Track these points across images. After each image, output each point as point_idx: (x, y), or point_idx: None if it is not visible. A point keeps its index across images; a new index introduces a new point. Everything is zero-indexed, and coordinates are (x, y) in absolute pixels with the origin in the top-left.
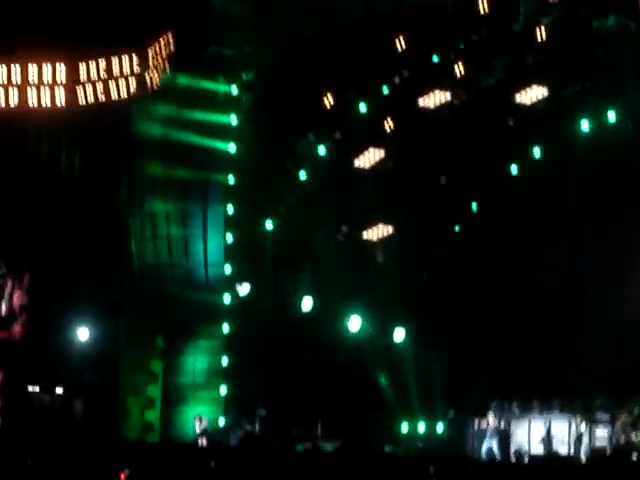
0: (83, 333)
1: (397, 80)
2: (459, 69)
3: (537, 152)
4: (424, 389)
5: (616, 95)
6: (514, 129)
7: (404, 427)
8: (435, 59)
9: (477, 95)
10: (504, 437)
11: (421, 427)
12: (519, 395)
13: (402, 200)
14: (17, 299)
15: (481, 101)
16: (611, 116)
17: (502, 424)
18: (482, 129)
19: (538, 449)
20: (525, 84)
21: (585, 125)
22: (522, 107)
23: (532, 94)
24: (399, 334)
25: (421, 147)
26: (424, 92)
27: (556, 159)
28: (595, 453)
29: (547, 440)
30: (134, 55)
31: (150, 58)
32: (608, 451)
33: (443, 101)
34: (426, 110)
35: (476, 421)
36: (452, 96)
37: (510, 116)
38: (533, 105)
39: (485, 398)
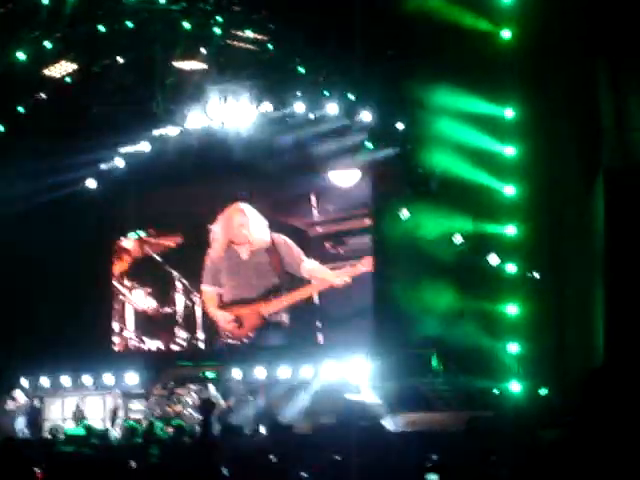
0: None
1: None
2: None
3: None
4: None
5: None
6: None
7: None
8: None
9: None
10: (34, 415)
11: None
12: (50, 372)
13: None
14: None
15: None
16: None
17: (33, 402)
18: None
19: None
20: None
21: None
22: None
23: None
24: None
25: None
26: None
27: None
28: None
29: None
30: None
31: None
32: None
33: None
34: None
35: (8, 401)
36: None
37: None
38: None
39: (15, 376)
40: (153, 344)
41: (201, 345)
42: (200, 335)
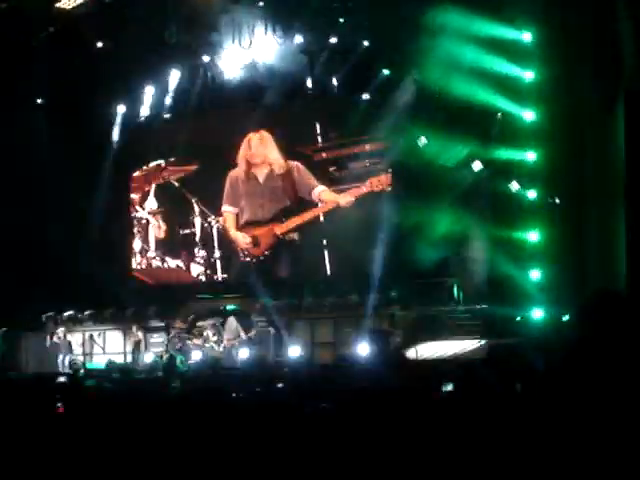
0: None
1: None
2: None
3: None
4: None
5: None
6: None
7: None
8: None
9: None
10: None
11: None
12: (72, 307)
13: None
14: None
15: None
16: None
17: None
18: None
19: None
20: None
21: None
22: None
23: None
24: None
25: None
26: None
27: None
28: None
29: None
30: None
31: None
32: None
33: None
34: None
35: (29, 335)
36: None
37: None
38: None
39: (38, 312)
40: (174, 263)
41: (218, 263)
42: (217, 254)
